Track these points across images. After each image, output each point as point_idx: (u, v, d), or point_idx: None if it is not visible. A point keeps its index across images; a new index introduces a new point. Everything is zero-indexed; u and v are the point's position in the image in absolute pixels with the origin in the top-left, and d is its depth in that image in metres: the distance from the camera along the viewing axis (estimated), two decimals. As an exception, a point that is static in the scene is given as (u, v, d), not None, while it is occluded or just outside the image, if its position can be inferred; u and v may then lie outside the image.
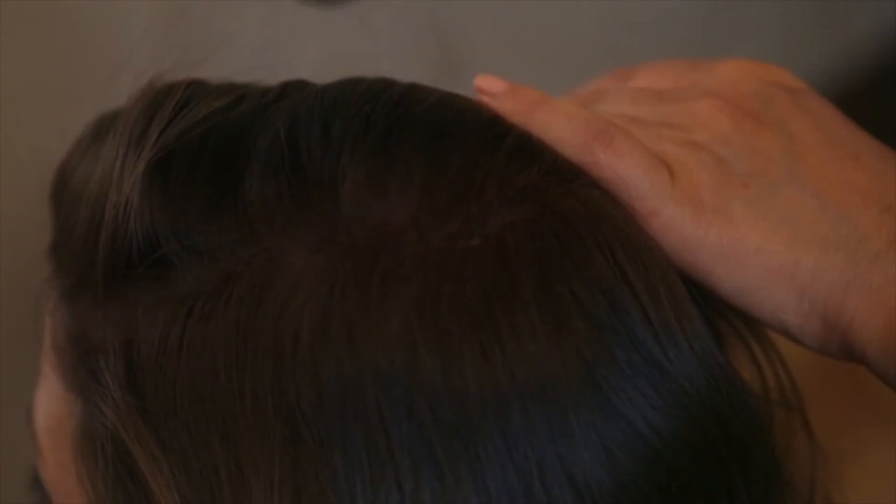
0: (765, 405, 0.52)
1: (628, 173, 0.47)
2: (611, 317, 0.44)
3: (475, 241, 0.44)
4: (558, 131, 0.49)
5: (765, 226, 0.47)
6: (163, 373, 0.45)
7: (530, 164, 0.47)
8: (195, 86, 0.49)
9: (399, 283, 0.43)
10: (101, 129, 0.51)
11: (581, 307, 0.43)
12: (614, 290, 0.44)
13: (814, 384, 0.57)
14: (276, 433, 0.43)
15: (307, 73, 0.51)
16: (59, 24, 0.78)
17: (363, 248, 0.44)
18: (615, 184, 0.48)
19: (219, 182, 0.47)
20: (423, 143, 0.46)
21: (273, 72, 0.52)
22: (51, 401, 0.50)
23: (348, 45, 0.73)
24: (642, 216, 0.47)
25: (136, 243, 0.46)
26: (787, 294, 0.47)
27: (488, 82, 0.50)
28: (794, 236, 0.47)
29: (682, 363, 0.45)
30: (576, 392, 0.43)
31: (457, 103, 0.49)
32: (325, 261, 0.44)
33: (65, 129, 0.54)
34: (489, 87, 0.50)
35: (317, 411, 0.42)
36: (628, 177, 0.47)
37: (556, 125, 0.49)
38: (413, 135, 0.47)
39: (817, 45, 1.54)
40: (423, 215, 0.45)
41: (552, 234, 0.44)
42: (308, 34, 0.80)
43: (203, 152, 0.47)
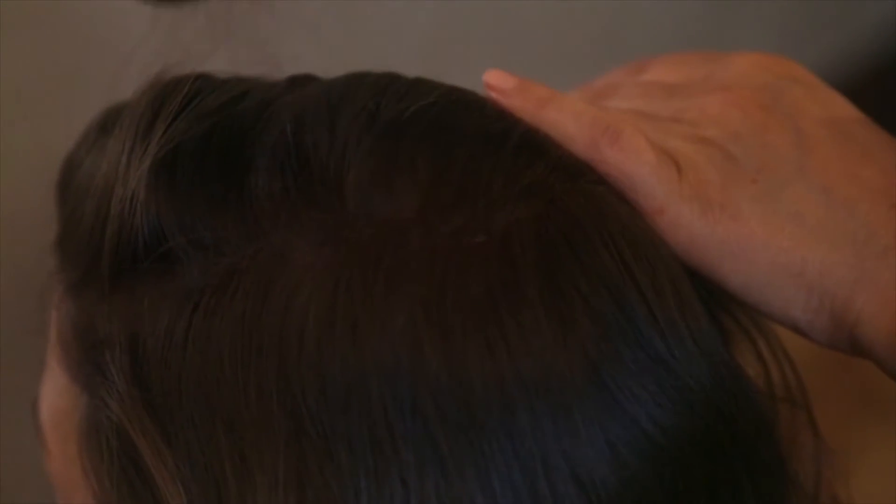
0: (770, 402, 0.52)
1: (635, 170, 0.47)
2: (616, 314, 0.44)
3: (481, 238, 0.44)
4: (566, 128, 0.48)
5: (773, 222, 0.47)
6: (168, 367, 0.45)
7: (536, 161, 0.47)
8: (202, 80, 0.49)
9: (404, 280, 0.43)
10: (108, 121, 0.51)
11: (586, 305, 0.43)
12: (620, 287, 0.44)
13: (819, 380, 0.57)
14: (280, 428, 0.43)
15: (313, 66, 0.51)
16: (65, 17, 0.78)
17: (368, 243, 0.44)
18: (622, 181, 0.48)
19: (225, 177, 0.47)
20: (429, 139, 0.46)
21: (279, 66, 0.52)
22: (56, 394, 0.50)
23: (349, 39, 0.73)
24: (649, 213, 0.47)
25: (142, 237, 0.46)
26: (795, 290, 0.47)
27: (497, 78, 0.50)
28: (803, 232, 0.47)
29: (688, 361, 0.45)
30: (581, 389, 0.43)
31: (463, 98, 0.49)
32: (330, 256, 0.44)
33: (70, 123, 0.54)
34: (498, 83, 0.50)
35: (321, 406, 0.42)
36: (635, 174, 0.47)
37: (563, 122, 0.49)
38: (418, 130, 0.47)
39: (816, 42, 1.54)
40: (429, 211, 0.45)
41: (558, 232, 0.44)
42: (312, 27, 0.80)
43: (209, 147, 0.47)
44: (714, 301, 0.50)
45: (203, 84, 0.49)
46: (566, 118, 0.49)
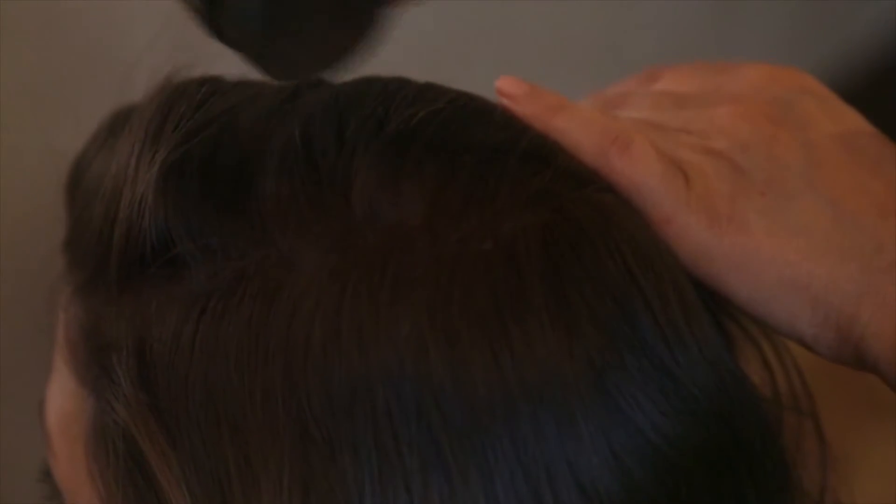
0: (775, 409, 0.52)
1: (643, 180, 0.48)
2: (621, 323, 0.44)
3: (487, 245, 0.44)
4: (575, 136, 0.49)
5: (780, 235, 0.47)
6: (175, 371, 0.45)
7: (544, 168, 0.47)
8: (211, 83, 0.50)
9: (410, 286, 0.43)
10: (117, 124, 0.51)
11: (592, 313, 0.43)
12: (625, 295, 0.44)
13: (824, 386, 0.57)
14: (285, 432, 0.43)
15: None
16: (74, 19, 0.78)
17: (375, 249, 0.44)
18: (630, 190, 0.48)
19: (233, 181, 0.47)
20: (436, 145, 0.46)
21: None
22: (63, 396, 0.50)
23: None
24: (657, 223, 0.47)
25: (150, 241, 0.46)
26: (801, 304, 0.47)
27: (509, 84, 0.50)
28: (809, 246, 0.47)
29: (692, 369, 0.45)
30: (585, 397, 0.43)
31: (471, 105, 0.49)
32: (337, 262, 0.44)
33: (79, 124, 0.54)
34: (510, 90, 0.50)
35: (326, 411, 0.43)
36: (643, 183, 0.47)
37: (573, 130, 0.49)
38: (426, 137, 0.47)
39: (819, 45, 1.53)
40: (436, 218, 0.45)
41: (564, 240, 0.44)
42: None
43: (218, 151, 0.47)
44: (720, 308, 0.50)
45: (212, 88, 0.49)
46: (576, 126, 0.49)
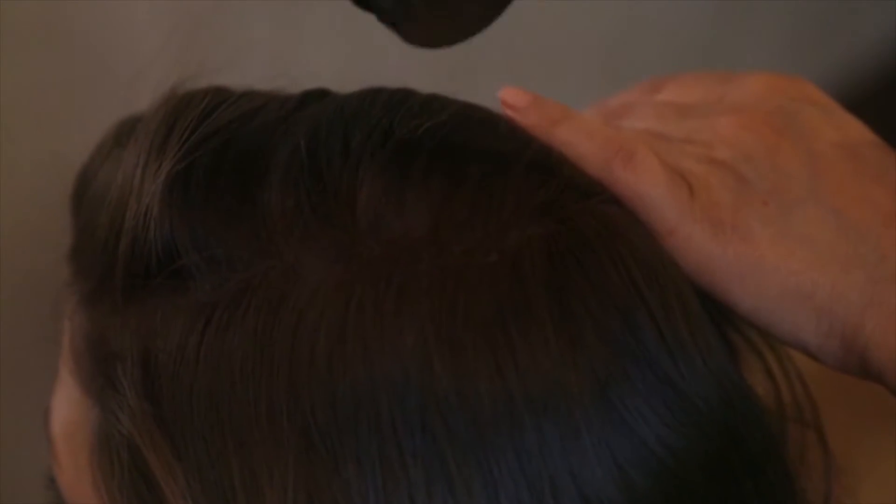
0: (779, 420, 0.52)
1: (646, 191, 0.48)
2: (625, 335, 0.44)
3: (492, 257, 0.44)
4: (579, 148, 0.49)
5: (783, 245, 0.47)
6: (179, 381, 0.45)
7: (548, 180, 0.47)
8: (216, 94, 0.50)
9: (415, 298, 0.43)
10: (123, 133, 0.51)
11: (596, 325, 0.43)
12: (629, 308, 0.44)
13: (829, 396, 0.57)
14: (290, 443, 0.43)
15: (328, 80, 0.52)
16: (80, 28, 0.78)
17: (380, 261, 0.44)
18: (634, 201, 0.48)
19: (238, 193, 0.47)
20: (441, 157, 0.47)
21: (294, 79, 0.52)
22: (68, 405, 0.50)
23: (370, 53, 0.73)
24: (661, 233, 0.47)
25: (156, 252, 0.46)
26: (805, 314, 0.47)
27: (512, 95, 0.50)
28: (813, 256, 0.47)
29: (696, 381, 0.45)
30: (589, 409, 0.43)
31: (475, 116, 0.49)
32: (342, 273, 0.44)
33: (85, 134, 0.54)
34: (513, 101, 0.50)
35: (331, 423, 0.43)
36: (646, 194, 0.48)
37: (576, 142, 0.49)
38: (430, 148, 0.47)
39: (821, 55, 1.53)
40: (440, 230, 0.45)
41: (568, 252, 0.44)
42: (330, 40, 0.80)
43: (223, 162, 0.47)
44: (724, 319, 0.50)
45: (218, 98, 0.49)
46: (579, 138, 0.49)
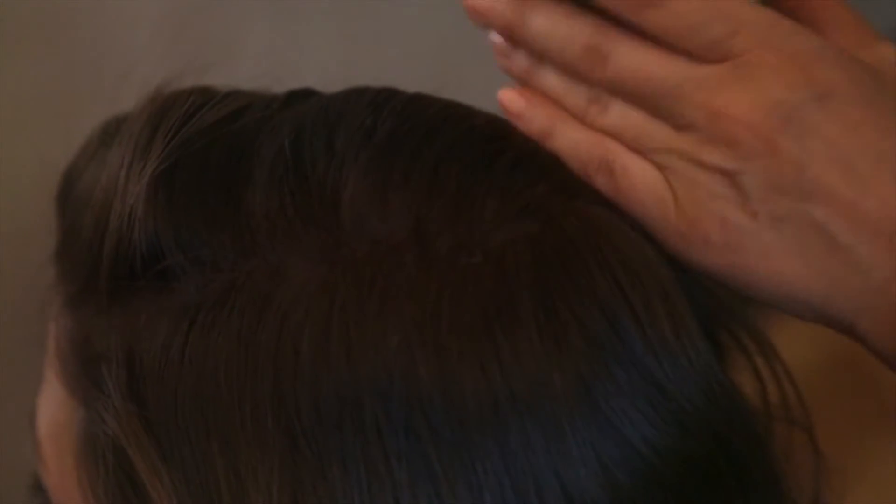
0: (765, 420, 0.52)
1: (629, 206, 0.47)
2: (609, 336, 0.44)
3: (476, 258, 0.44)
4: (564, 157, 0.48)
5: (774, 257, 0.47)
6: (164, 382, 0.45)
7: (532, 180, 0.47)
8: (201, 94, 0.50)
9: (399, 299, 0.43)
10: (108, 134, 0.51)
11: (580, 326, 0.43)
12: (613, 309, 0.44)
13: (823, 397, 0.57)
14: (275, 445, 0.43)
15: (313, 80, 0.51)
16: (66, 29, 0.78)
17: (363, 262, 0.44)
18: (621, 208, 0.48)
19: (223, 193, 0.47)
20: (423, 157, 0.46)
21: (279, 79, 0.52)
22: (54, 407, 0.50)
23: (354, 53, 0.73)
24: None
25: (140, 253, 0.46)
26: (801, 309, 0.48)
27: (507, 100, 0.50)
28: (805, 267, 0.47)
29: (681, 381, 0.45)
30: (574, 410, 0.43)
31: (459, 115, 0.49)
32: (326, 274, 0.44)
33: (70, 134, 0.54)
34: (507, 106, 0.50)
35: (315, 424, 0.43)
36: (629, 209, 0.47)
37: (562, 152, 0.49)
38: (413, 148, 0.47)
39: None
40: (423, 231, 0.45)
41: (552, 253, 0.44)
42: (315, 40, 0.80)
43: (208, 163, 0.47)
44: (714, 319, 0.50)
45: (203, 98, 0.49)
46: (564, 149, 0.49)
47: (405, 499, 0.42)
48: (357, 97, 0.49)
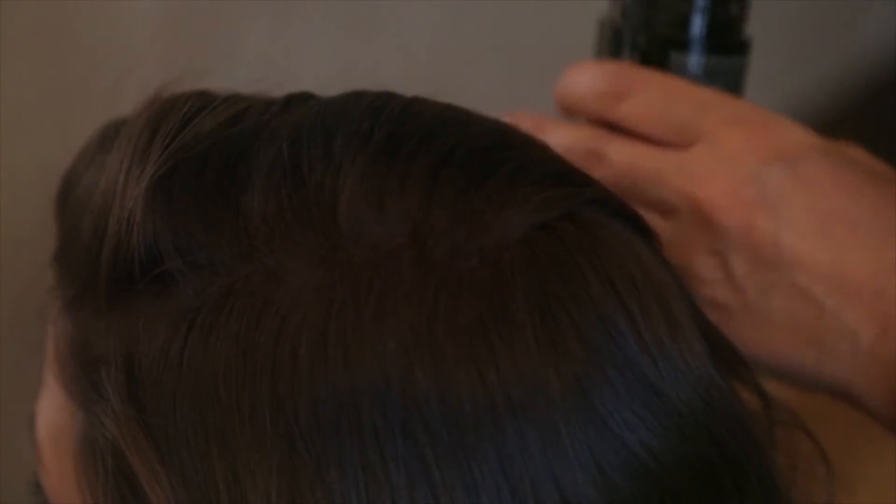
0: (764, 424, 0.52)
1: None
2: (606, 339, 0.44)
3: (473, 263, 0.44)
4: None
5: (764, 330, 0.49)
6: (163, 386, 0.45)
7: (529, 185, 0.47)
8: (199, 98, 0.50)
9: (396, 304, 0.43)
10: (107, 138, 0.51)
11: (577, 330, 0.44)
12: (610, 312, 0.44)
13: (822, 402, 0.57)
14: (273, 448, 0.43)
15: (311, 84, 0.52)
16: (64, 33, 0.78)
17: (361, 267, 0.44)
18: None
19: (221, 197, 0.47)
20: (420, 160, 0.47)
21: (278, 82, 0.52)
22: (53, 410, 0.50)
23: (352, 56, 0.73)
24: None
25: (139, 257, 0.46)
26: (797, 377, 0.50)
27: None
28: (795, 337, 0.49)
29: (678, 384, 0.45)
30: (570, 412, 0.43)
31: (459, 118, 0.49)
32: (323, 278, 0.44)
33: (69, 138, 0.55)
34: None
35: (313, 428, 0.43)
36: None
37: None
38: (410, 151, 0.47)
39: (822, 52, 1.53)
40: (420, 235, 0.45)
41: (549, 258, 0.45)
42: (313, 43, 0.80)
43: (206, 167, 0.47)
44: (710, 324, 0.50)
45: (201, 102, 0.49)
46: None
47: (402, 501, 0.42)
48: (355, 101, 0.49)
